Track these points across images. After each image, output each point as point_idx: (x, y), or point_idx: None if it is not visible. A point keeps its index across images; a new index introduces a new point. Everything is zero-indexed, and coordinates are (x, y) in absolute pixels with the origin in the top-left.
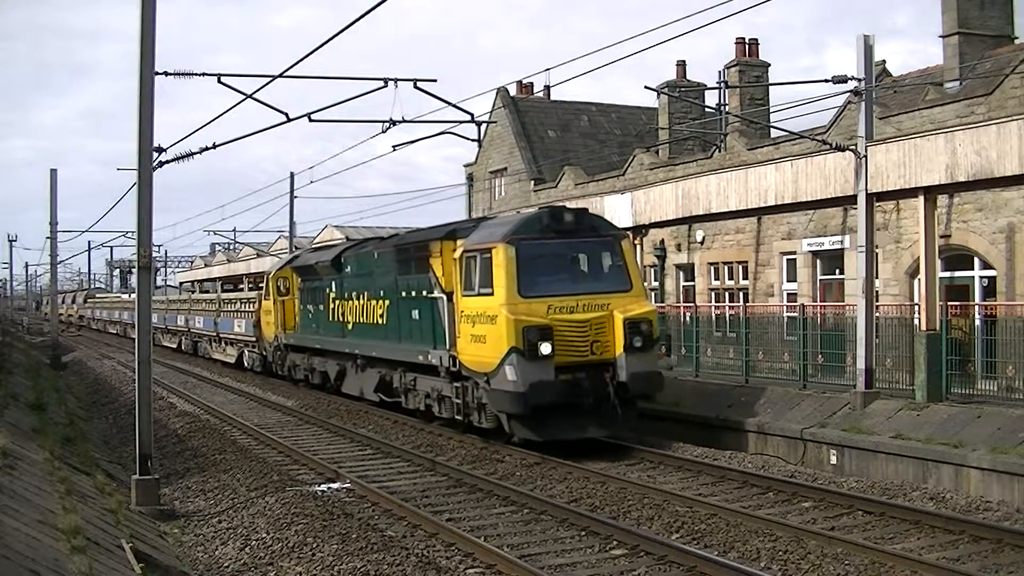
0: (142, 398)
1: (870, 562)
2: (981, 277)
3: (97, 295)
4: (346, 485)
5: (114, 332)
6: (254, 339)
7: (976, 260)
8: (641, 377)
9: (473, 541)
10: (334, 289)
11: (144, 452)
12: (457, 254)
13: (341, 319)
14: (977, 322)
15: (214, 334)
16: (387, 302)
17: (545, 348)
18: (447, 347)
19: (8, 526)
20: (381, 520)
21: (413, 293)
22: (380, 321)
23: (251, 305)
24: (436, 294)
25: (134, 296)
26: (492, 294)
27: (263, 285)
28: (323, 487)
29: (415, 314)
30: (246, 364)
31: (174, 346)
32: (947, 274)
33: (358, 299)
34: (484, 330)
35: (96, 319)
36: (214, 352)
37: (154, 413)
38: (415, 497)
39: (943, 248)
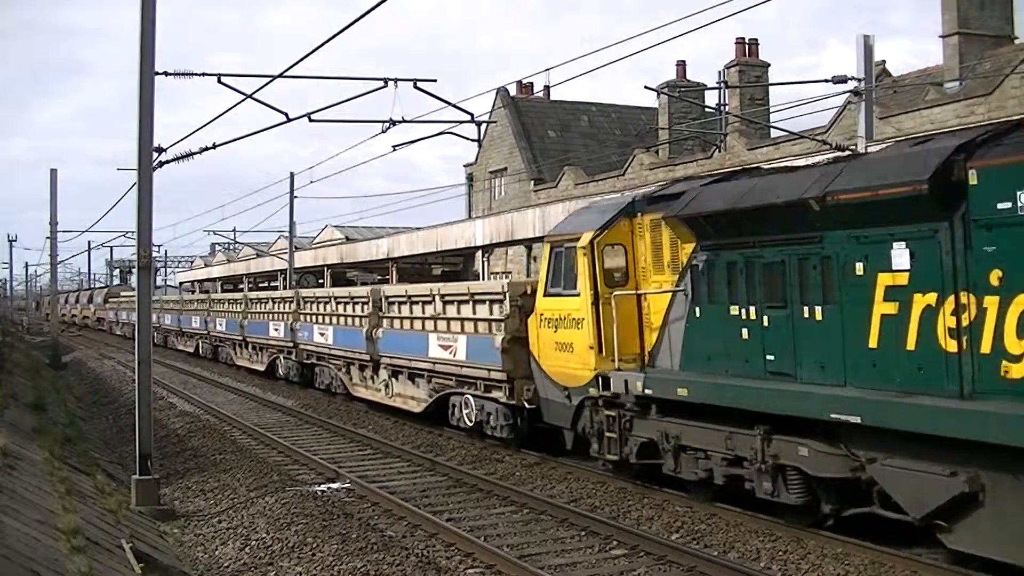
0: (142, 398)
1: (870, 562)
2: None
3: (121, 293)
4: (346, 485)
5: None
6: (501, 376)
7: None
8: None
9: (473, 541)
10: (950, 264)
11: (144, 452)
12: None
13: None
14: None
15: (365, 357)
16: None
17: None
18: None
19: (8, 526)
20: (381, 520)
21: None
22: None
23: (489, 307)
24: None
25: (177, 295)
26: None
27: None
28: (323, 487)
29: None
30: (466, 419)
31: (260, 368)
32: None
33: None
34: None
35: (121, 322)
36: (362, 386)
37: (154, 413)
38: (415, 497)
39: None
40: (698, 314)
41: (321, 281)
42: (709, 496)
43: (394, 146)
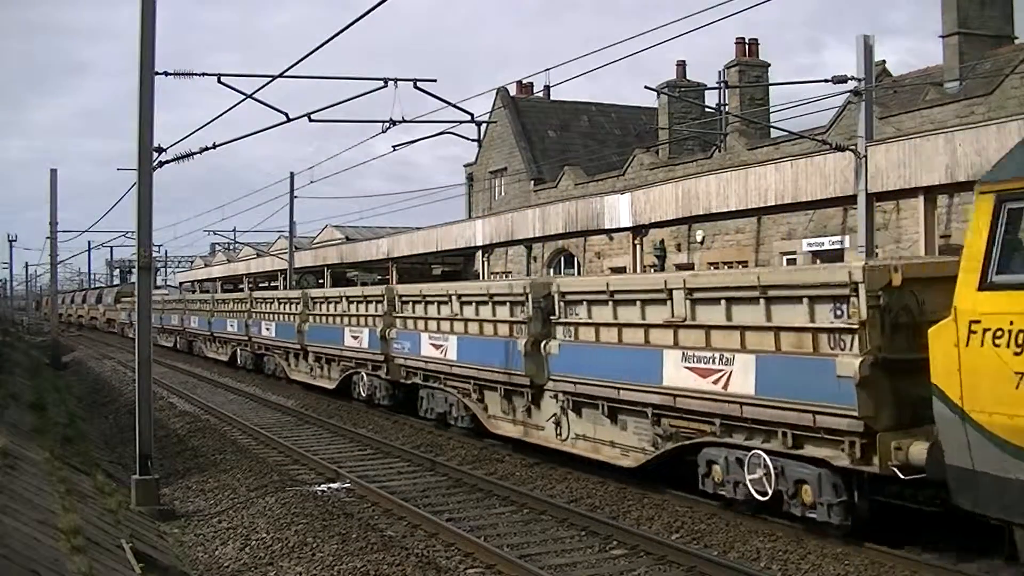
0: (142, 398)
1: (870, 562)
2: None
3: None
4: (346, 485)
5: (168, 344)
6: (849, 423)
7: None
8: None
9: (473, 541)
10: None
11: (144, 452)
12: None
13: None
14: None
15: (520, 380)
16: None
17: None
18: None
19: (8, 526)
20: (381, 520)
21: None
22: None
23: (810, 308)
24: None
25: (212, 296)
26: None
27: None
28: (323, 487)
29: None
30: (750, 488)
31: (328, 385)
32: None
33: None
34: None
35: (134, 324)
36: (506, 420)
37: (154, 413)
38: (415, 497)
39: (943, 248)
40: None
41: (321, 281)
42: None
43: (394, 146)
